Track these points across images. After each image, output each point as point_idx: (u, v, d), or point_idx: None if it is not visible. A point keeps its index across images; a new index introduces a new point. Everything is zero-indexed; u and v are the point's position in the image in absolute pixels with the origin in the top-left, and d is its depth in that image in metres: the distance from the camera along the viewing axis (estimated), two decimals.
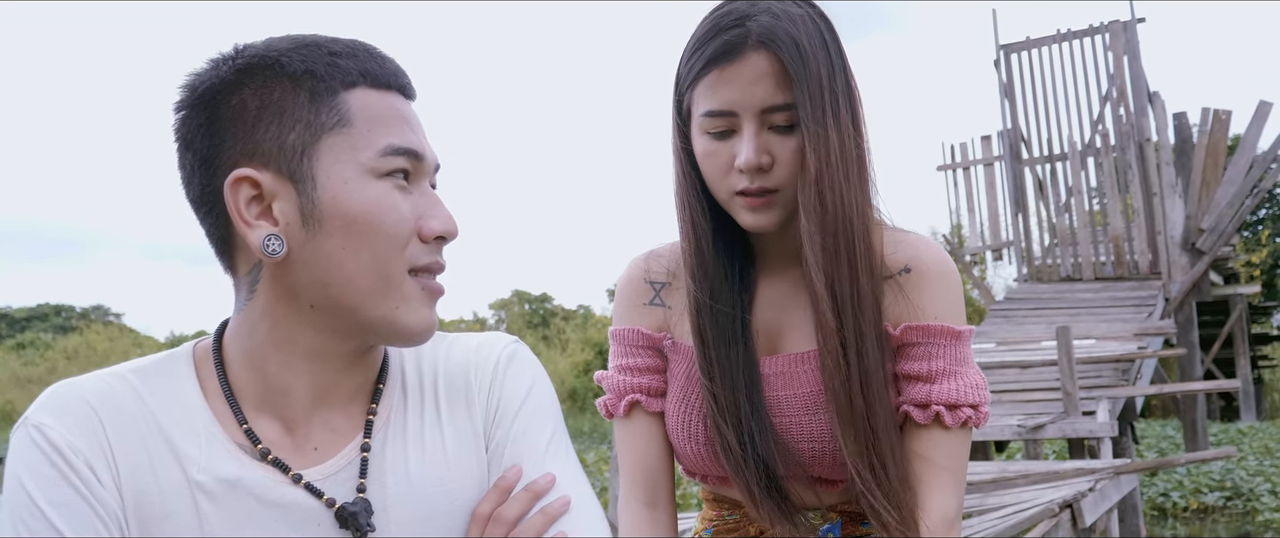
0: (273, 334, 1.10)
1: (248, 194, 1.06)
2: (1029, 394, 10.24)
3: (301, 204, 1.06)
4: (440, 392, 1.20)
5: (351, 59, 1.09)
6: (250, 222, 1.06)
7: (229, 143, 1.06)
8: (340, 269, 1.06)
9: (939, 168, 16.88)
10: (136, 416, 1.09)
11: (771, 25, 1.38)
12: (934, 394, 1.45)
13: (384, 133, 1.08)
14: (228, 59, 1.08)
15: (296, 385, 1.12)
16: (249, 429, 1.10)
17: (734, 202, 1.44)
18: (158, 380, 1.13)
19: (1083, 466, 7.38)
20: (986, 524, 5.71)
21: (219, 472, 1.08)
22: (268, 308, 1.10)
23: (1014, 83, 16.11)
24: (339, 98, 1.07)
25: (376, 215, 1.06)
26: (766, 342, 1.52)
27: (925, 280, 1.47)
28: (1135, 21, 15.33)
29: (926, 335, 1.46)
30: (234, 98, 1.06)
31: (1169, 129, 15.38)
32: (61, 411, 1.08)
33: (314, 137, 1.06)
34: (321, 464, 1.12)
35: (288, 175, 1.06)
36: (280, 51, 1.07)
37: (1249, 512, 11.51)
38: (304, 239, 1.06)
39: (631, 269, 1.62)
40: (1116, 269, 14.89)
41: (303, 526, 1.09)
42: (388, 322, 1.09)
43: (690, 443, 1.53)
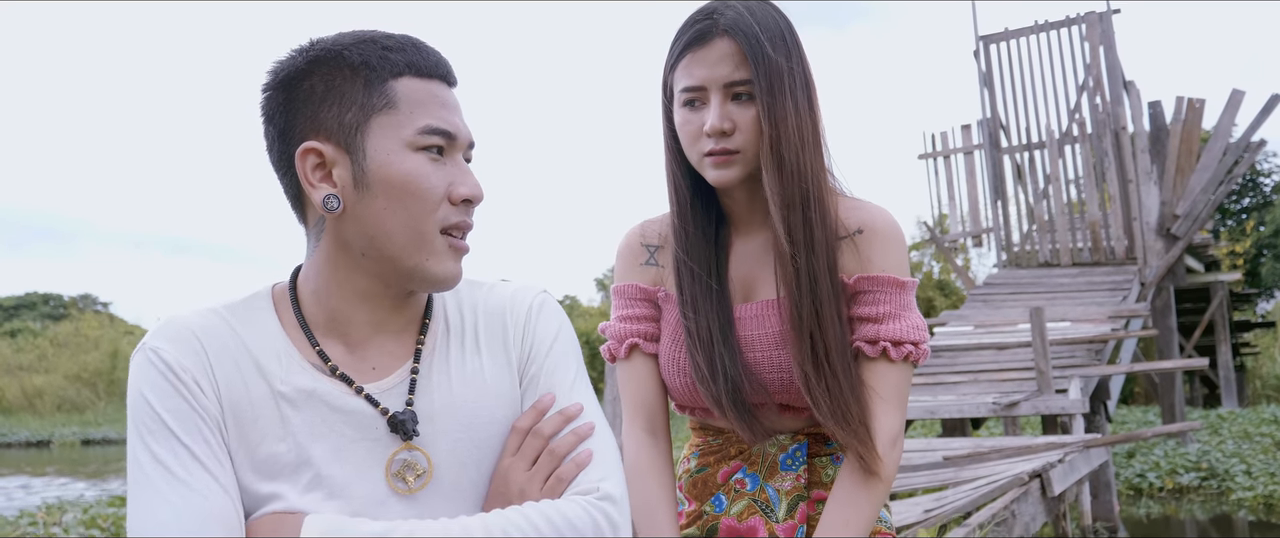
0: (335, 276, 1.35)
1: (313, 161, 1.30)
2: (1005, 374, 10.49)
3: (355, 171, 1.29)
4: (480, 328, 1.44)
5: (401, 52, 1.31)
6: (314, 183, 1.30)
7: (301, 119, 1.30)
8: (383, 225, 1.30)
9: (920, 156, 17.09)
10: (229, 343, 1.32)
11: (736, 18, 1.68)
12: (882, 332, 1.71)
13: (423, 115, 1.31)
14: (304, 50, 1.32)
15: (355, 317, 1.36)
16: (320, 350, 1.34)
17: (703, 162, 1.72)
18: (245, 314, 1.36)
19: (1054, 440, 7.60)
20: (960, 495, 5.91)
21: (297, 383, 1.32)
22: (329, 255, 1.34)
23: (993, 73, 16.34)
24: (387, 85, 1.30)
25: (413, 182, 1.29)
26: (742, 291, 1.79)
27: (876, 239, 1.74)
28: (1111, 12, 15.56)
29: (875, 285, 1.73)
30: (305, 83, 1.30)
31: (1144, 117, 15.64)
32: (173, 338, 1.32)
33: (366, 116, 1.29)
34: (379, 381, 1.36)
35: (344, 147, 1.29)
36: (344, 46, 1.30)
37: (1223, 492, 11.73)
38: (356, 199, 1.29)
39: (629, 235, 1.90)
40: (1093, 255, 15.12)
41: (363, 429, 1.33)
42: (420, 270, 1.32)
43: (679, 377, 1.80)
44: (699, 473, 1.87)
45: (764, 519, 1.78)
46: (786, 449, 1.79)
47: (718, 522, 1.82)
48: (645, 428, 1.84)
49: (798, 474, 1.78)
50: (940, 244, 17.10)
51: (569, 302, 42.11)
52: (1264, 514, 10.66)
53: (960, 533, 5.19)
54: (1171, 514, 10.81)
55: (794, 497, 1.77)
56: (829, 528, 1.68)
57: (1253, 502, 11.17)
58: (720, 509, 1.82)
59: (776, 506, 1.78)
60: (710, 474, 1.85)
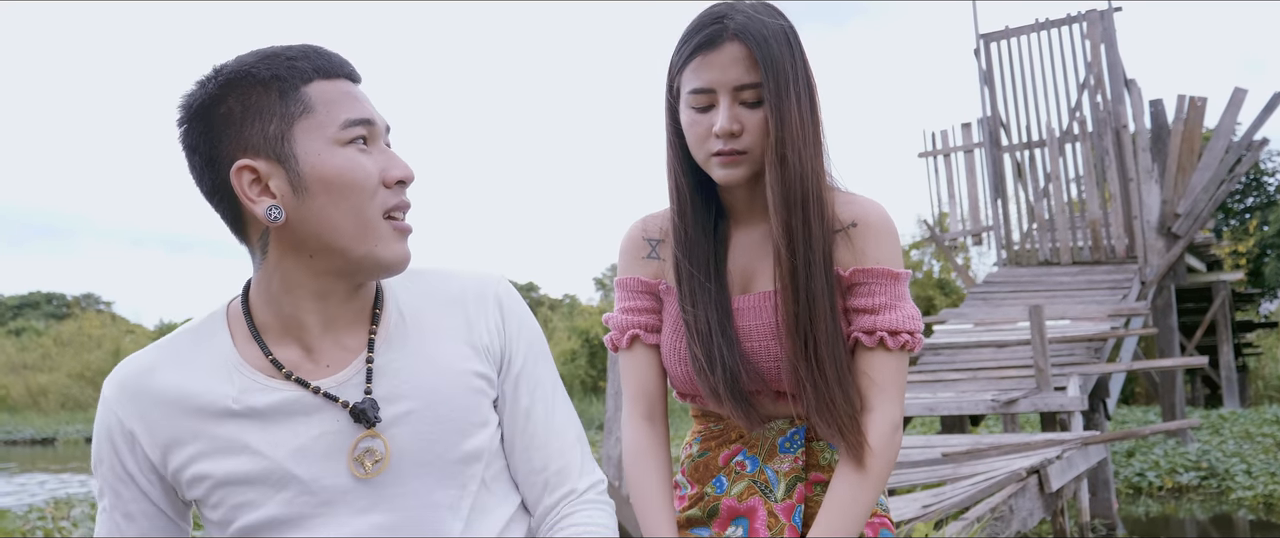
0: (284, 282, 1.41)
1: (249, 178, 1.36)
2: (1003, 372, 10.54)
3: (290, 178, 1.35)
4: (437, 313, 1.51)
5: (305, 60, 1.38)
6: (254, 199, 1.36)
7: (225, 142, 1.36)
8: (328, 221, 1.36)
9: (920, 155, 17.10)
10: (177, 380, 1.44)
11: (745, 23, 1.73)
12: (878, 323, 1.78)
13: (340, 110, 1.37)
14: (211, 78, 1.37)
15: (308, 319, 1.43)
16: (274, 359, 1.42)
17: (710, 161, 1.78)
18: (203, 338, 1.47)
19: (1052, 438, 7.66)
20: (959, 491, 5.96)
21: (250, 401, 1.41)
22: (277, 262, 1.40)
23: (993, 71, 16.35)
24: (301, 91, 1.36)
25: (348, 174, 1.36)
26: (740, 282, 1.86)
27: (869, 232, 1.81)
28: (1112, 10, 15.56)
29: (870, 277, 1.80)
30: (222, 107, 1.36)
31: (1145, 116, 15.64)
32: (117, 390, 1.45)
33: (288, 125, 1.35)
34: (334, 376, 1.43)
35: (275, 158, 1.35)
36: (250, 65, 1.36)
37: (1223, 491, 11.76)
38: (297, 205, 1.35)
39: (632, 230, 1.97)
40: (1093, 253, 15.15)
41: (324, 425, 1.41)
42: (371, 257, 1.39)
43: (680, 365, 1.86)
44: (701, 457, 1.94)
45: (763, 499, 1.84)
46: (785, 433, 1.86)
47: (719, 502, 1.88)
48: (645, 415, 1.92)
49: (796, 456, 1.85)
50: (940, 243, 17.13)
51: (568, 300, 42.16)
52: (1264, 514, 10.70)
53: (958, 527, 5.24)
54: (1171, 513, 10.85)
55: (792, 478, 1.84)
56: (827, 518, 1.75)
57: (1253, 501, 11.21)
58: (721, 490, 1.89)
59: (775, 486, 1.85)
60: (711, 458, 1.92)
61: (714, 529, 1.88)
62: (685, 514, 1.90)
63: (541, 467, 1.54)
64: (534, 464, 1.54)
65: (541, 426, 1.55)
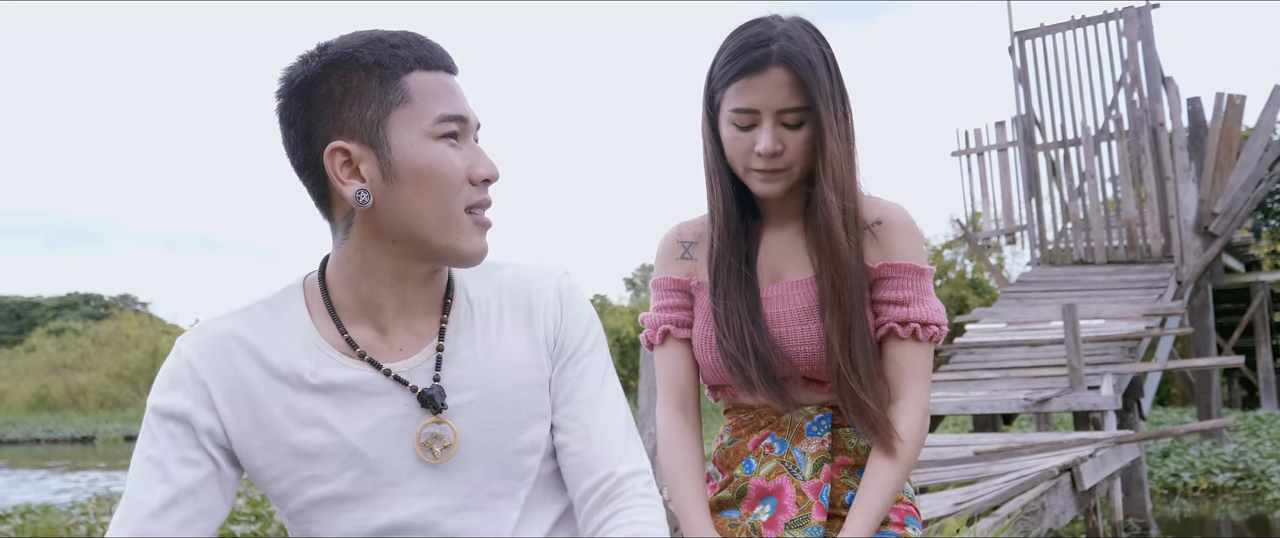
0: (365, 263, 1.44)
1: (341, 160, 1.38)
2: (1037, 371, 10.51)
3: (381, 165, 1.37)
4: (503, 305, 1.55)
5: (407, 49, 1.40)
6: (344, 180, 1.38)
7: (323, 121, 1.38)
8: (414, 210, 1.39)
9: (954, 153, 17.04)
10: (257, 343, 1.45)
11: (788, 47, 1.83)
12: (911, 314, 1.89)
13: (436, 104, 1.39)
14: (315, 56, 1.39)
15: (383, 302, 1.46)
16: (349, 337, 1.45)
17: (751, 175, 1.90)
18: (279, 309, 1.48)
19: (1085, 436, 7.63)
20: (991, 488, 5.96)
21: (327, 375, 1.43)
22: (359, 244, 1.43)
23: (1028, 69, 16.26)
24: (401, 80, 1.38)
25: (437, 168, 1.39)
26: (770, 275, 1.97)
27: (894, 229, 1.93)
28: (1150, 7, 15.45)
29: (899, 272, 1.92)
30: (323, 87, 1.37)
31: (1182, 114, 15.50)
32: (197, 346, 1.45)
33: (385, 112, 1.37)
34: (406, 360, 1.46)
35: (369, 143, 1.37)
36: (355, 48, 1.38)
37: (1259, 492, 11.66)
38: (385, 191, 1.38)
39: (667, 234, 2.09)
40: (1129, 253, 15.05)
41: (393, 407, 1.44)
42: (452, 248, 1.42)
43: (710, 353, 1.97)
44: (731, 444, 2.02)
45: (790, 478, 1.92)
46: (812, 418, 1.94)
47: (748, 482, 1.96)
48: (677, 405, 2.01)
49: (823, 440, 1.92)
50: (974, 242, 17.07)
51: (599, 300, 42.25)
52: None
53: (989, 524, 5.24)
54: (1206, 514, 10.76)
55: (819, 459, 1.91)
56: (863, 502, 1.86)
57: None
58: (750, 471, 1.97)
59: (803, 465, 1.92)
60: (741, 444, 2.00)
61: (743, 510, 1.95)
62: (716, 497, 1.98)
63: (580, 450, 1.54)
64: (575, 447, 1.55)
65: (584, 408, 1.56)
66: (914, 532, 1.94)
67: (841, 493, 1.92)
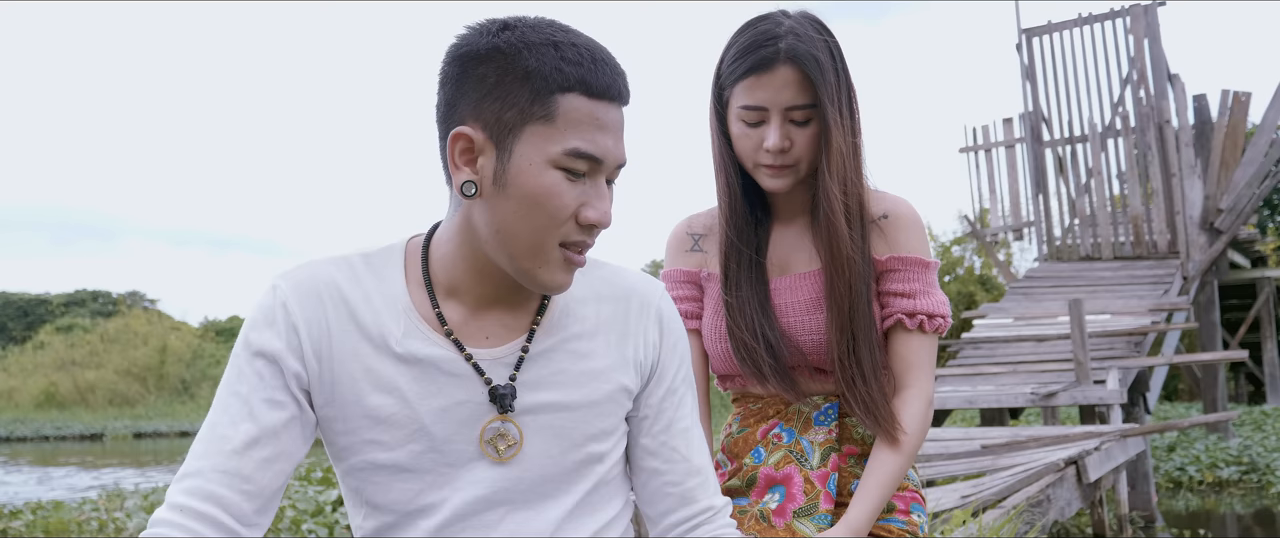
0: (461, 247, 1.42)
1: (463, 145, 1.35)
2: (1043, 365, 10.57)
3: (497, 168, 1.33)
4: (600, 314, 1.52)
5: (577, 67, 1.33)
6: (459, 165, 1.35)
7: (465, 100, 1.34)
8: (508, 226, 1.35)
9: (961, 150, 17.07)
10: (352, 297, 1.42)
11: (796, 45, 1.85)
12: (917, 306, 1.94)
13: (575, 136, 1.33)
14: (490, 32, 1.35)
15: (476, 287, 1.44)
16: (439, 313, 1.43)
17: (759, 170, 1.94)
18: (378, 266, 1.45)
19: (1091, 430, 7.68)
20: (997, 481, 6.01)
21: (412, 347, 1.41)
22: (461, 225, 1.41)
23: (1035, 66, 16.30)
24: (553, 98, 1.32)
25: (545, 199, 1.33)
26: (778, 267, 2.01)
27: (901, 223, 1.98)
28: (1156, 4, 15.46)
29: (905, 264, 1.96)
30: (480, 67, 1.33)
31: (1188, 111, 15.52)
32: (295, 289, 1.42)
33: (523, 122, 1.32)
34: (491, 349, 1.44)
35: (495, 142, 1.33)
36: (526, 44, 1.32)
37: (1264, 486, 11.71)
38: (491, 193, 1.34)
39: (677, 228, 2.14)
40: (1135, 249, 15.08)
41: (468, 392, 1.42)
42: (531, 275, 1.38)
43: (720, 343, 2.01)
44: (739, 434, 2.06)
45: (799, 467, 1.95)
46: (820, 408, 1.98)
47: (757, 471, 1.99)
48: None
49: (830, 429, 1.96)
50: (981, 238, 17.11)
51: None
52: None
53: (995, 515, 5.30)
54: (1211, 508, 10.81)
55: (826, 448, 1.95)
56: (865, 490, 1.89)
57: None
58: (759, 460, 2.00)
59: (810, 455, 1.96)
60: (750, 434, 2.04)
61: (752, 498, 1.99)
62: (725, 486, 2.02)
63: (679, 481, 1.54)
64: (672, 478, 1.54)
65: (682, 441, 1.55)
66: (919, 518, 1.98)
67: (848, 482, 1.96)
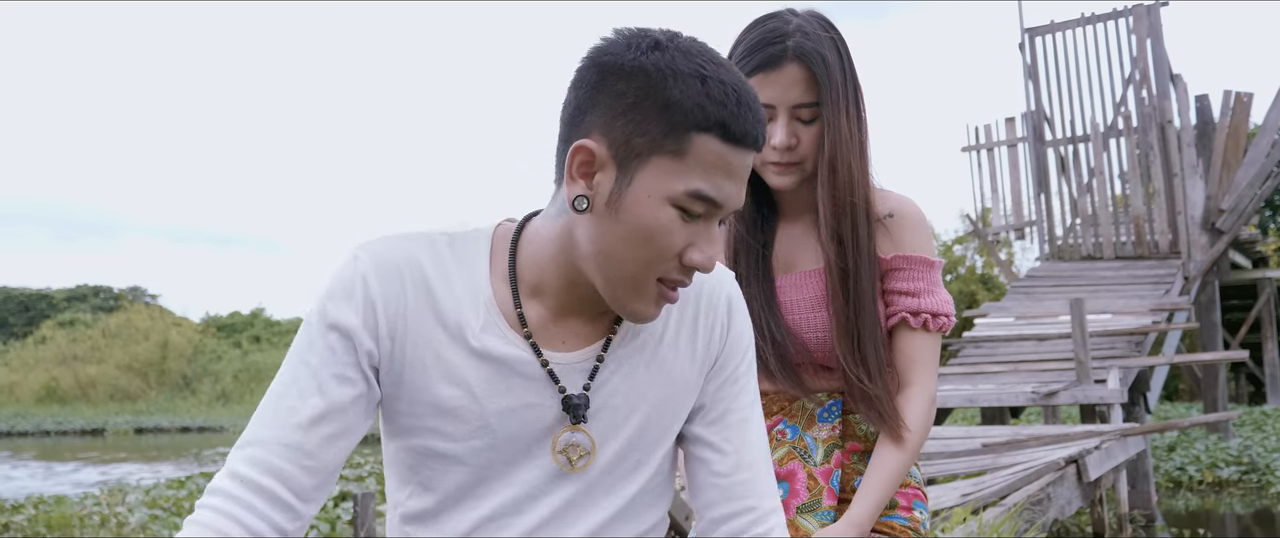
0: (557, 254, 1.36)
1: (583, 158, 1.28)
2: (1044, 364, 10.60)
3: (613, 190, 1.27)
4: (680, 319, 1.46)
5: (721, 107, 1.25)
6: (574, 177, 1.29)
7: (597, 111, 1.27)
8: (611, 252, 1.29)
9: (964, 149, 17.08)
10: (433, 281, 1.36)
11: (803, 44, 1.86)
12: (922, 305, 1.95)
13: (700, 178, 1.27)
14: (637, 48, 1.27)
15: (562, 293, 1.38)
16: (521, 313, 1.37)
17: (766, 167, 1.94)
18: (462, 252, 1.40)
19: (1092, 429, 7.71)
20: (998, 480, 6.04)
21: (488, 344, 1.36)
22: (561, 232, 1.35)
23: (1038, 65, 16.31)
24: (689, 136, 1.25)
25: (656, 235, 1.28)
26: (784, 264, 2.02)
27: (906, 222, 1.98)
28: (1159, 5, 15.47)
29: (910, 263, 1.97)
30: (621, 83, 1.26)
31: (1191, 111, 15.55)
32: (378, 265, 1.36)
33: (652, 151, 1.26)
34: (567, 354, 1.39)
35: (617, 163, 1.27)
36: (673, 71, 1.25)
37: (1263, 486, 11.74)
38: (602, 213, 1.28)
39: None
40: (1136, 248, 15.09)
41: (540, 395, 1.38)
42: (620, 303, 1.33)
43: None
44: None
45: (802, 463, 1.97)
46: (823, 404, 1.99)
47: None
48: None
49: (833, 425, 1.97)
50: (983, 237, 17.13)
51: None
52: None
53: (996, 513, 5.33)
54: (1210, 507, 10.84)
55: (830, 445, 1.97)
56: (868, 485, 1.90)
57: None
58: None
59: (814, 451, 1.97)
60: None
61: None
62: None
63: (727, 474, 1.48)
64: (720, 469, 1.48)
65: (737, 432, 1.49)
66: (921, 515, 2.00)
67: (851, 478, 1.97)
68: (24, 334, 47.72)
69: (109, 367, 40.96)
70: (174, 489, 11.76)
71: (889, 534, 1.94)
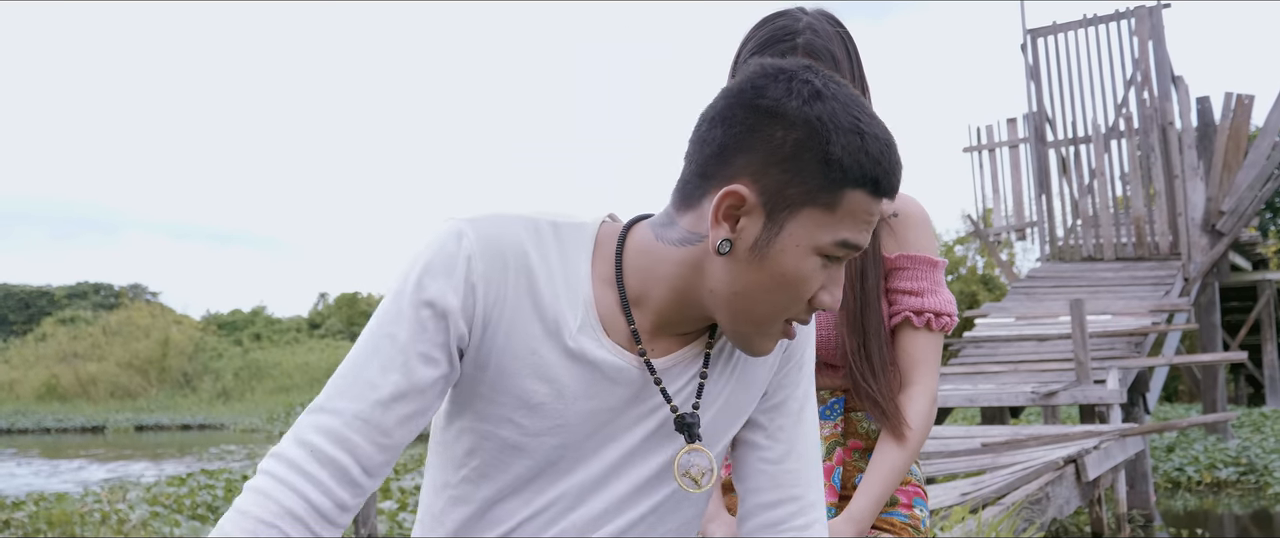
0: (676, 280, 1.31)
1: (732, 203, 1.23)
2: (1044, 364, 10.63)
3: (759, 238, 1.24)
4: None
5: (876, 165, 1.23)
6: (719, 221, 1.24)
7: (749, 155, 1.23)
8: (747, 296, 1.27)
9: (965, 149, 17.10)
10: (537, 271, 1.30)
11: (813, 41, 1.87)
12: (925, 305, 1.96)
13: (847, 228, 1.25)
14: (799, 97, 1.22)
15: (664, 310, 1.33)
16: (634, 330, 1.33)
17: None
18: (568, 245, 1.33)
19: (1091, 429, 7.74)
20: (997, 479, 6.06)
21: (586, 348, 1.31)
22: (686, 260, 1.29)
23: (1040, 67, 16.34)
24: (843, 191, 1.22)
25: (798, 283, 1.26)
26: None
27: (910, 222, 1.99)
28: (1161, 6, 15.52)
29: (914, 263, 1.98)
30: (780, 131, 1.22)
31: (1192, 113, 15.59)
32: (485, 245, 1.29)
33: (804, 202, 1.22)
34: (657, 361, 1.35)
35: (768, 212, 1.23)
36: (836, 127, 1.21)
37: (1261, 487, 11.75)
38: (744, 258, 1.25)
39: None
40: (1137, 250, 15.12)
41: (625, 405, 1.35)
42: (743, 338, 1.31)
43: None
44: None
45: None
46: (826, 402, 2.00)
47: None
48: None
49: (835, 423, 1.99)
50: (984, 238, 17.15)
51: None
52: None
53: (994, 512, 5.34)
54: (1209, 508, 10.85)
55: (831, 442, 1.98)
56: (869, 482, 1.91)
57: None
58: None
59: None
60: None
61: None
62: (728, 477, 2.03)
63: (779, 460, 1.47)
64: (773, 454, 1.47)
65: (791, 420, 1.48)
66: (921, 513, 2.01)
67: (852, 476, 1.98)
68: (24, 331, 47.76)
69: (109, 364, 40.97)
70: (175, 486, 11.80)
71: (889, 531, 1.96)
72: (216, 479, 12.26)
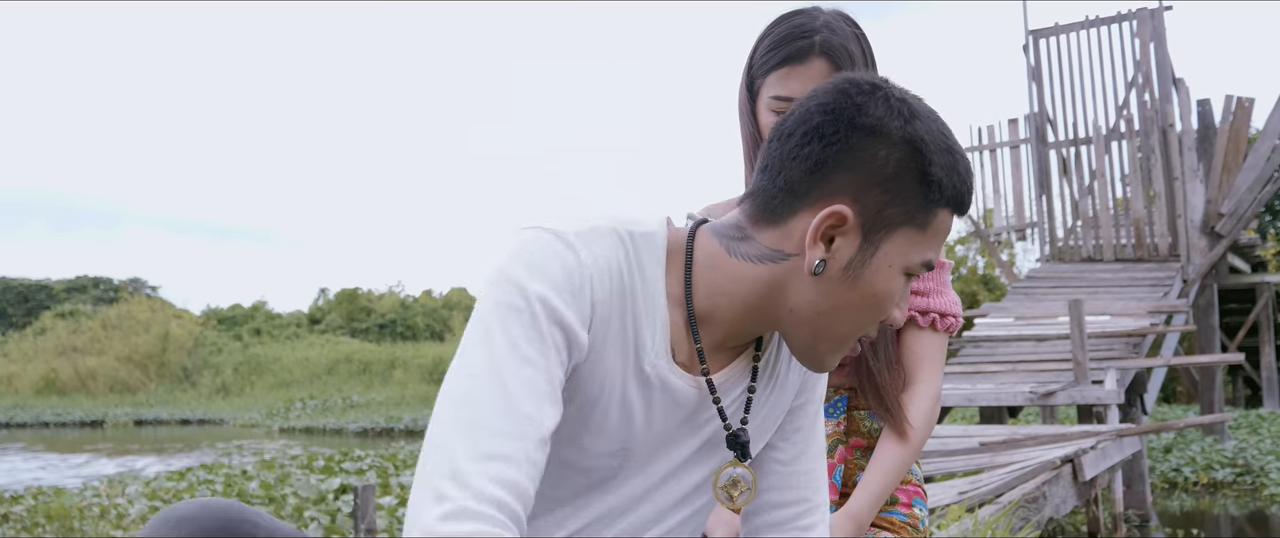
0: (751, 298, 1.26)
1: (832, 222, 1.20)
2: (1043, 365, 10.65)
3: (856, 258, 1.21)
4: None
5: (963, 183, 1.23)
6: (815, 240, 1.20)
7: (849, 175, 1.20)
8: (835, 313, 1.24)
9: (967, 150, 17.05)
10: (626, 287, 1.24)
11: (829, 39, 1.88)
12: (931, 305, 1.98)
13: (932, 248, 1.25)
14: (899, 116, 1.20)
15: (728, 327, 1.29)
16: (701, 349, 1.29)
17: None
18: (645, 258, 1.26)
19: (1088, 429, 7.77)
20: (995, 478, 6.08)
21: (662, 373, 1.27)
22: (765, 278, 1.25)
23: (1041, 67, 16.33)
24: (935, 211, 1.22)
25: (884, 300, 1.24)
26: None
27: None
28: (1162, 9, 15.52)
29: None
30: (882, 150, 1.19)
31: (1192, 115, 15.59)
32: (595, 260, 1.22)
33: (901, 222, 1.21)
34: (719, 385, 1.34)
35: (865, 232, 1.21)
36: (933, 144, 1.20)
37: (1257, 488, 11.77)
38: (835, 278, 1.22)
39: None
40: (1136, 251, 15.14)
41: (683, 426, 1.33)
42: (814, 354, 1.29)
43: None
44: None
45: None
46: (830, 400, 2.02)
47: None
48: None
49: (838, 422, 2.01)
50: (985, 238, 17.17)
51: None
52: None
53: (991, 511, 5.36)
54: (1205, 508, 10.87)
55: (834, 440, 2.01)
56: (869, 479, 1.93)
57: None
58: None
59: None
60: None
61: None
62: None
63: (792, 461, 1.46)
64: (786, 455, 1.46)
65: (807, 423, 1.47)
66: (920, 512, 2.03)
67: (854, 474, 2.00)
68: (23, 325, 47.73)
69: (108, 358, 40.97)
70: (174, 481, 11.80)
71: (888, 530, 1.98)
72: (216, 474, 12.25)
